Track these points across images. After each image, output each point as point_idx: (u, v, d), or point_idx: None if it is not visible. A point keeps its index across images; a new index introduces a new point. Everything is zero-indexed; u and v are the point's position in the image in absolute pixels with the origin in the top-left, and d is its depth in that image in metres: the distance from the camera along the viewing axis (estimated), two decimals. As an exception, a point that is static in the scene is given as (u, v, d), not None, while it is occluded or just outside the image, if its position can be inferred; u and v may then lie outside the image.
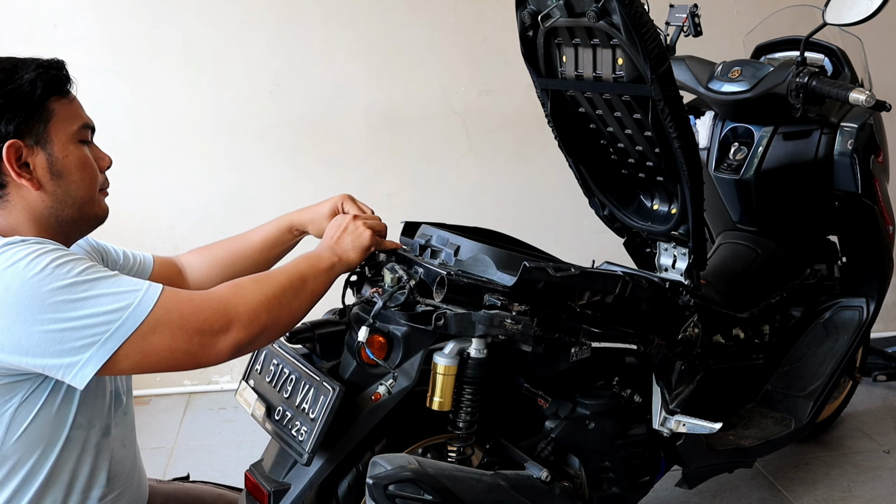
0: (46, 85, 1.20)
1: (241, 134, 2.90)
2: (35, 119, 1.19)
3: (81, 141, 1.25)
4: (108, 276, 1.14)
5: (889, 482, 2.39)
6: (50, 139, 1.21)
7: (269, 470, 1.54)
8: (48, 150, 1.21)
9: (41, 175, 1.21)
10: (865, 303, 2.32)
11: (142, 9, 2.75)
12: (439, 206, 3.05)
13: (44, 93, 1.20)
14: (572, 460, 1.79)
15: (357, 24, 2.88)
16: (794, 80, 1.98)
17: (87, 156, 1.26)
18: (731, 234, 2.37)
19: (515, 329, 1.49)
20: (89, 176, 1.26)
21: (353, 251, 1.46)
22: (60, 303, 1.09)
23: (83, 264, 1.13)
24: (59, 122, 1.22)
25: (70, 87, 1.26)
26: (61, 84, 1.23)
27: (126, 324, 1.11)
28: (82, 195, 1.25)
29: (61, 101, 1.23)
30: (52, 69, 1.23)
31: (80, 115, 1.26)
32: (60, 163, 1.22)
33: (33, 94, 1.19)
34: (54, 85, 1.22)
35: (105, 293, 1.11)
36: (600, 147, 1.98)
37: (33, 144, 1.20)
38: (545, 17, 1.71)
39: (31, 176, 1.20)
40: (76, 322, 1.09)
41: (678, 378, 1.93)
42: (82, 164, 1.24)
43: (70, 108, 1.24)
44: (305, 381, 1.49)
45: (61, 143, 1.22)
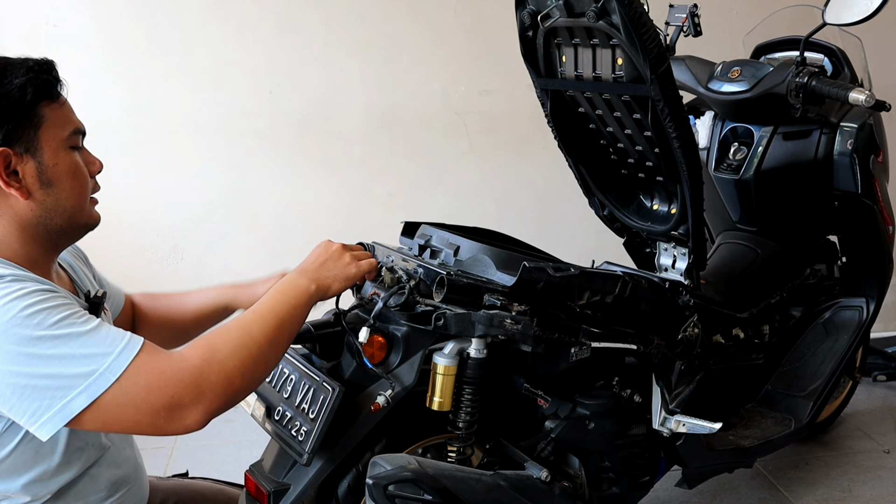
0: (37, 90, 1.15)
1: (241, 134, 2.90)
2: (25, 126, 1.14)
3: (72, 147, 1.20)
4: (82, 333, 1.07)
5: (889, 482, 2.39)
6: (40, 146, 1.16)
7: (269, 470, 1.54)
8: (38, 158, 1.16)
9: (30, 184, 1.16)
10: (865, 303, 2.32)
11: (142, 9, 2.75)
12: (439, 206, 3.05)
13: (34, 98, 1.15)
14: (572, 460, 1.79)
15: (357, 24, 2.88)
16: (794, 80, 1.98)
17: (78, 162, 1.21)
18: (731, 234, 2.37)
19: (515, 329, 1.49)
20: (80, 184, 1.21)
21: (337, 281, 1.37)
22: (27, 356, 1.04)
23: (59, 313, 1.07)
24: (49, 128, 1.17)
25: (61, 89, 1.21)
26: (52, 88, 1.18)
27: (87, 392, 1.05)
28: (72, 204, 1.21)
29: (52, 106, 1.18)
30: (43, 72, 1.18)
31: (71, 119, 1.21)
32: (51, 171, 1.17)
33: (23, 99, 1.14)
34: (45, 89, 1.17)
35: (73, 354, 1.05)
36: (600, 147, 1.98)
37: (23, 152, 1.15)
38: (545, 17, 1.71)
39: (19, 185, 1.15)
40: (38, 381, 1.04)
41: (678, 378, 1.93)
42: (73, 172, 1.20)
43: (61, 113, 1.19)
44: (305, 381, 1.49)
45: (52, 151, 1.17)
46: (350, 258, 1.40)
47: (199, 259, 2.97)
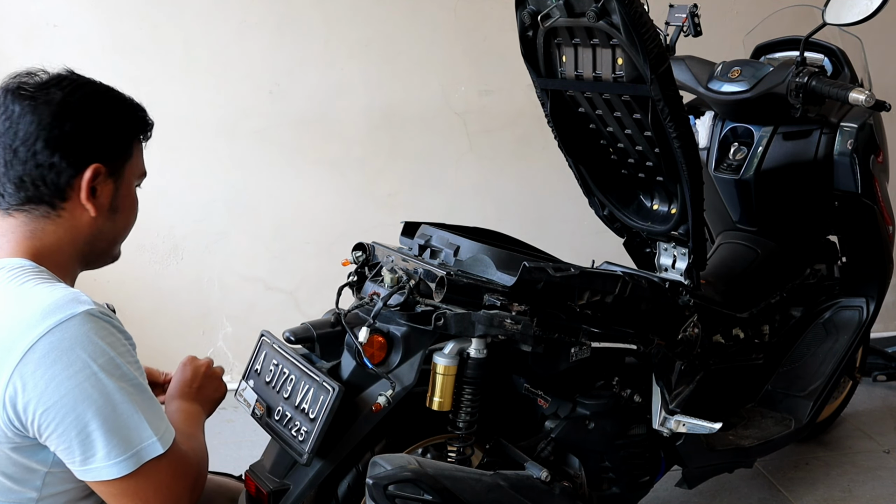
0: (136, 125, 1.27)
1: (241, 134, 2.90)
2: (120, 154, 1.24)
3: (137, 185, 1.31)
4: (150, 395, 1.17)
5: (889, 482, 2.39)
6: (123, 175, 1.25)
7: (269, 470, 1.54)
8: (117, 185, 1.24)
9: (101, 204, 1.23)
10: (865, 303, 2.32)
11: (142, 9, 2.74)
12: (439, 206, 3.05)
13: (133, 132, 1.26)
14: (572, 460, 1.79)
15: (357, 24, 2.88)
16: (794, 80, 1.98)
17: (136, 201, 1.31)
18: (731, 234, 2.37)
19: (515, 329, 1.49)
20: (134, 217, 1.31)
21: (212, 403, 1.45)
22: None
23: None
24: (132, 163, 1.27)
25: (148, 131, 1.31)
26: (145, 128, 1.30)
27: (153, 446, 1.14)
28: (120, 234, 1.30)
29: (139, 145, 1.29)
30: (139, 111, 1.29)
31: (143, 161, 1.31)
32: (121, 199, 1.26)
33: (127, 130, 1.25)
34: (141, 127, 1.28)
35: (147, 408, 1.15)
36: (600, 147, 1.98)
37: (109, 175, 1.23)
38: (545, 17, 1.71)
39: (95, 198, 1.22)
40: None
41: (678, 378, 1.93)
42: (133, 205, 1.29)
43: (140, 153, 1.30)
44: (305, 381, 1.49)
45: (127, 184, 1.26)
46: (220, 377, 1.47)
47: (199, 259, 2.97)
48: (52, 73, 1.24)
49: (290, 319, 1.70)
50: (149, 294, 2.93)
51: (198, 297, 2.99)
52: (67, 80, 1.23)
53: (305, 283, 3.03)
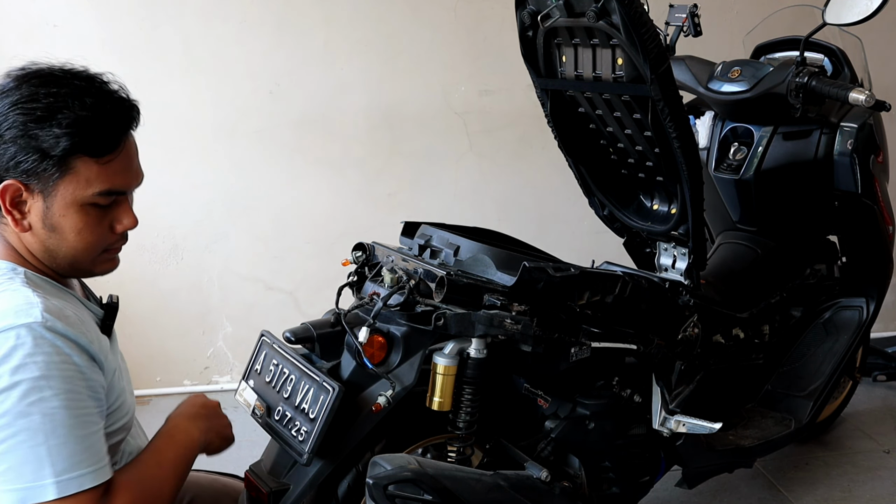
0: (74, 145, 1.12)
1: (241, 134, 2.90)
2: (48, 170, 1.12)
3: (96, 205, 1.17)
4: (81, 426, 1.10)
5: (889, 482, 2.39)
6: (55, 193, 1.14)
7: (269, 470, 1.54)
8: (48, 203, 1.14)
9: (34, 220, 1.15)
10: (865, 303, 2.32)
11: (142, 9, 2.74)
12: (439, 206, 3.05)
13: (68, 150, 1.12)
14: (572, 460, 1.79)
15: (357, 24, 2.88)
16: (794, 80, 1.98)
17: (89, 223, 1.17)
18: (731, 234, 2.37)
19: (515, 329, 1.49)
20: (84, 240, 1.18)
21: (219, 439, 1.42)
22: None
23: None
24: (72, 181, 1.14)
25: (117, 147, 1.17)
26: (97, 146, 1.14)
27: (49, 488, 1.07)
28: (73, 255, 1.19)
29: (88, 162, 1.14)
30: (97, 126, 1.14)
31: (106, 179, 1.16)
32: (55, 219, 1.15)
33: (54, 148, 1.11)
34: (86, 145, 1.13)
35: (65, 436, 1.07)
36: (600, 147, 1.98)
37: (36, 191, 1.13)
38: (545, 17, 1.71)
39: (22, 216, 1.15)
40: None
41: (678, 378, 1.93)
42: (77, 230, 1.17)
43: (95, 171, 1.15)
44: (305, 381, 1.49)
45: (63, 203, 1.14)
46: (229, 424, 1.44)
47: (199, 259, 2.97)
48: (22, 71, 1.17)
49: (290, 319, 1.70)
50: (149, 294, 2.93)
51: (198, 297, 3.00)
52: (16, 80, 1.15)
53: (305, 283, 3.03)
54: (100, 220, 1.19)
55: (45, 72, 1.17)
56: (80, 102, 1.14)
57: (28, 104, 1.12)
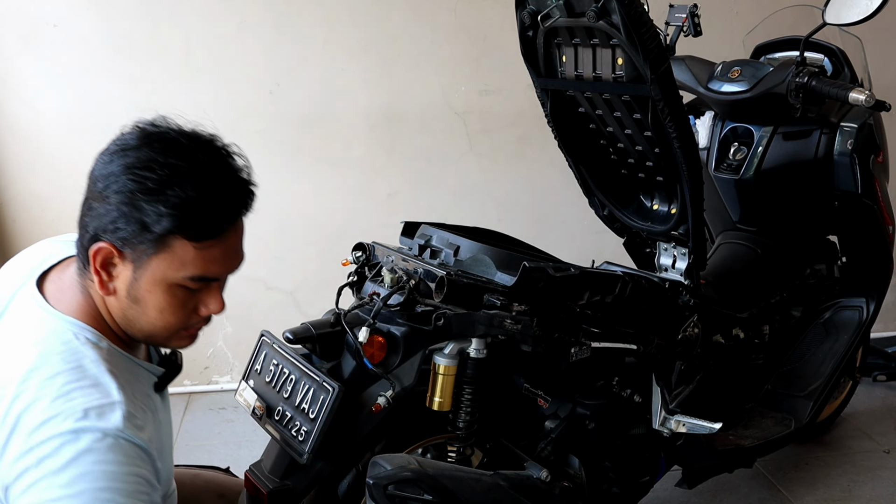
0: (177, 225, 1.07)
1: (241, 134, 2.87)
2: (144, 244, 1.09)
3: (184, 287, 1.13)
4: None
5: (889, 482, 2.39)
6: (145, 267, 1.10)
7: (269, 470, 1.54)
8: (136, 275, 1.11)
9: (119, 286, 1.12)
10: (865, 303, 2.32)
11: (142, 9, 2.74)
12: (439, 206, 3.05)
13: (168, 230, 1.08)
14: (572, 460, 1.79)
15: (357, 24, 2.88)
16: (794, 80, 1.98)
17: (173, 303, 1.14)
18: (731, 234, 2.37)
19: (515, 329, 1.49)
20: (164, 321, 1.14)
21: None
22: None
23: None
24: (166, 261, 1.10)
25: (218, 235, 1.12)
26: (199, 231, 1.10)
27: None
28: (150, 330, 1.16)
29: (186, 245, 1.09)
30: (204, 212, 1.09)
31: (200, 265, 1.12)
32: (140, 293, 1.12)
33: (155, 224, 1.07)
34: (188, 229, 1.09)
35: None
36: (600, 147, 1.98)
37: (128, 259, 1.10)
38: (545, 17, 1.71)
39: (109, 278, 1.12)
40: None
41: (678, 378, 1.93)
42: (161, 308, 1.13)
43: (191, 255, 1.10)
44: (305, 381, 1.49)
45: (152, 279, 1.11)
46: None
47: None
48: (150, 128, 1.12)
49: (290, 319, 1.70)
50: (149, 294, 2.93)
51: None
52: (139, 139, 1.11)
53: (305, 283, 3.03)
54: (185, 301, 1.15)
55: (171, 136, 1.12)
56: (193, 183, 1.09)
57: (141, 171, 1.08)
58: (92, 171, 1.12)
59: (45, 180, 2.78)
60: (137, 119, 1.15)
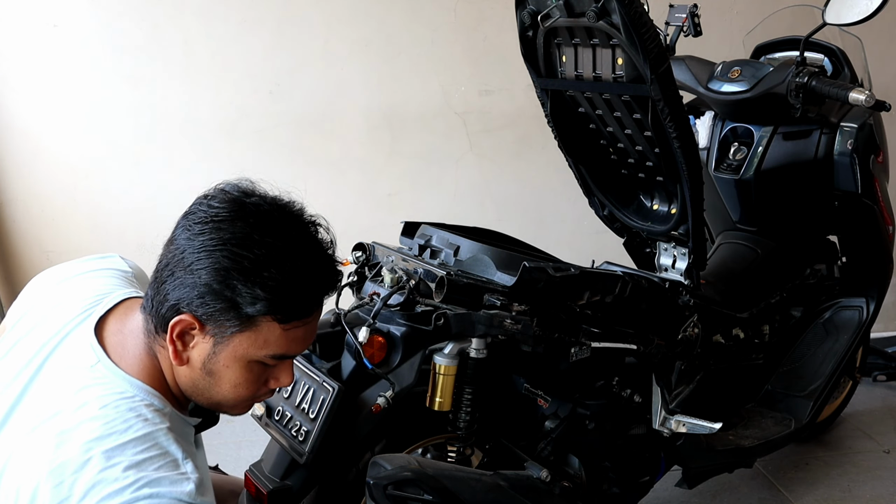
0: (270, 308, 1.05)
1: (241, 134, 2.90)
2: (231, 321, 1.05)
3: (262, 363, 1.11)
4: None
5: (889, 482, 2.39)
6: (227, 344, 1.07)
7: (269, 470, 1.54)
8: (216, 349, 1.07)
9: (194, 357, 1.09)
10: (865, 303, 2.32)
11: (142, 9, 2.74)
12: (439, 206, 3.05)
13: (261, 312, 1.05)
14: (572, 460, 1.79)
15: (357, 24, 2.88)
16: (794, 80, 1.98)
17: (249, 379, 1.11)
18: (731, 234, 2.37)
19: (515, 329, 1.49)
20: (237, 394, 1.12)
21: None
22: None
23: None
24: (250, 339, 1.07)
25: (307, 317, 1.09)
26: (291, 313, 1.07)
27: None
28: (219, 401, 1.13)
29: (274, 326, 1.07)
30: (298, 296, 1.07)
31: (283, 345, 1.09)
32: (217, 367, 1.09)
33: (248, 306, 1.04)
34: (280, 311, 1.06)
35: None
36: (600, 147, 1.98)
37: (209, 333, 1.07)
38: (545, 17, 1.71)
39: (184, 348, 1.08)
40: None
41: (678, 378, 1.93)
42: (236, 384, 1.11)
43: (276, 334, 1.08)
44: (305, 381, 1.49)
45: (233, 356, 1.08)
46: None
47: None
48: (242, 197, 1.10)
49: (290, 319, 1.70)
50: (149, 294, 2.93)
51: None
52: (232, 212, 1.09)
53: (305, 283, 3.03)
54: (259, 376, 1.13)
55: (265, 210, 1.12)
56: (291, 265, 1.06)
57: (238, 250, 1.05)
58: (175, 237, 1.10)
59: (45, 180, 2.78)
60: (222, 183, 1.13)
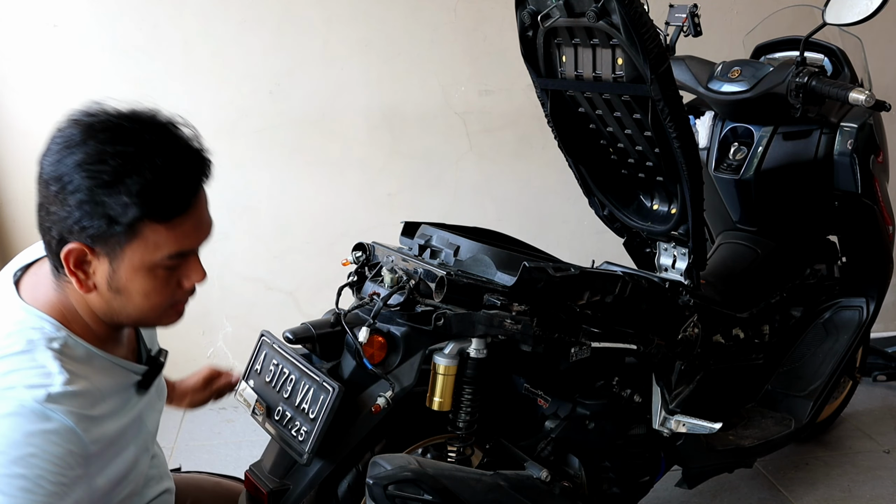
0: (144, 211, 1.05)
1: (241, 134, 2.90)
2: (115, 236, 1.06)
3: (165, 267, 1.12)
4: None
5: (889, 482, 2.39)
6: (122, 258, 1.08)
7: (269, 470, 1.54)
8: (114, 266, 1.08)
9: (98, 282, 1.10)
10: (865, 303, 2.32)
11: (142, 9, 2.74)
12: (439, 206, 3.05)
13: (137, 218, 1.05)
14: (572, 460, 1.79)
15: (357, 24, 2.88)
16: (794, 80, 1.98)
17: (157, 285, 1.13)
18: (731, 234, 2.37)
19: (515, 329, 1.49)
20: (151, 302, 1.14)
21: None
22: None
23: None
24: (140, 247, 1.08)
25: (187, 208, 1.10)
26: (167, 210, 1.08)
27: None
28: (138, 314, 1.14)
29: (156, 228, 1.08)
30: (167, 190, 1.07)
31: (175, 242, 1.10)
32: (122, 283, 1.10)
33: (122, 216, 1.05)
34: (155, 211, 1.06)
35: None
36: (600, 147, 1.98)
37: (101, 254, 1.08)
38: (545, 17, 1.71)
39: (86, 276, 1.09)
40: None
41: (678, 378, 1.93)
42: (146, 293, 1.12)
43: (164, 235, 1.09)
44: (305, 381, 1.49)
45: (132, 268, 1.09)
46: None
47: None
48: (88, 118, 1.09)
49: (290, 319, 1.70)
50: (149, 294, 2.93)
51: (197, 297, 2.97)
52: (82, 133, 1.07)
53: (305, 283, 3.03)
54: (168, 279, 1.14)
55: (113, 123, 1.10)
56: (149, 165, 1.06)
57: (94, 166, 1.04)
58: (40, 174, 1.08)
59: (45, 180, 2.78)
60: (69, 112, 1.12)
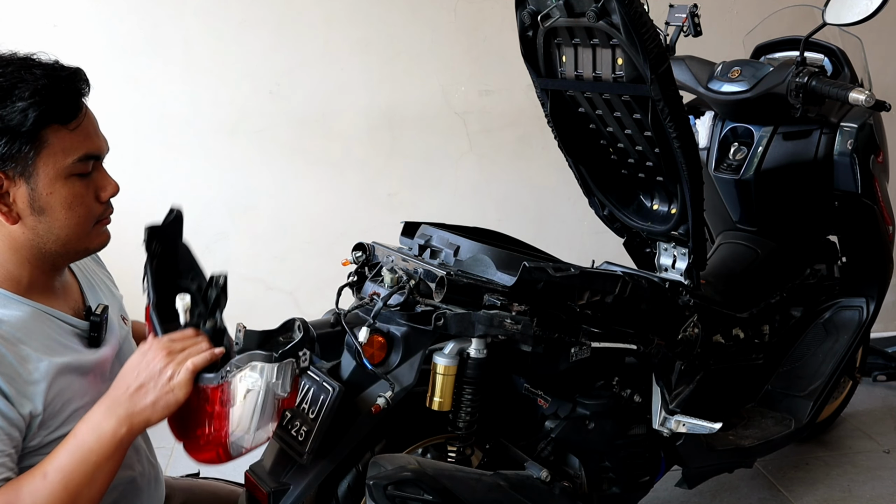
0: (42, 114, 1.07)
1: (241, 134, 2.90)
2: (22, 149, 1.07)
3: (78, 174, 1.13)
4: None
5: (889, 482, 2.39)
6: (36, 172, 1.09)
7: (269, 470, 1.53)
8: (32, 184, 1.09)
9: (21, 208, 1.10)
10: (865, 303, 2.32)
11: (142, 9, 2.74)
12: (439, 206, 3.05)
13: (37, 122, 1.07)
14: (572, 460, 1.79)
15: (357, 24, 2.88)
16: (794, 80, 1.98)
17: (77, 193, 1.14)
18: (731, 234, 2.37)
19: (515, 329, 1.49)
20: (77, 215, 1.15)
21: (157, 411, 1.11)
22: None
23: None
24: (50, 154, 1.10)
25: (80, 109, 1.13)
26: (63, 111, 1.10)
27: None
28: (66, 233, 1.15)
29: (59, 132, 1.10)
30: (56, 92, 1.09)
31: (80, 144, 1.13)
32: (44, 199, 1.11)
33: (24, 123, 1.06)
34: (53, 113, 1.09)
35: None
36: (600, 147, 1.98)
37: (16, 176, 1.08)
38: (545, 17, 1.71)
39: (8, 208, 1.10)
40: None
41: (678, 378, 1.93)
42: (69, 204, 1.13)
43: (68, 139, 1.11)
44: (305, 381, 1.49)
45: (48, 179, 1.10)
46: (173, 370, 1.12)
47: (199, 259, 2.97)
48: None
49: (290, 319, 1.70)
50: (149, 294, 2.93)
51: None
52: None
53: (305, 283, 3.03)
54: (85, 190, 1.15)
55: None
56: (31, 75, 1.09)
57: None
58: None
59: (45, 180, 2.78)
60: None
